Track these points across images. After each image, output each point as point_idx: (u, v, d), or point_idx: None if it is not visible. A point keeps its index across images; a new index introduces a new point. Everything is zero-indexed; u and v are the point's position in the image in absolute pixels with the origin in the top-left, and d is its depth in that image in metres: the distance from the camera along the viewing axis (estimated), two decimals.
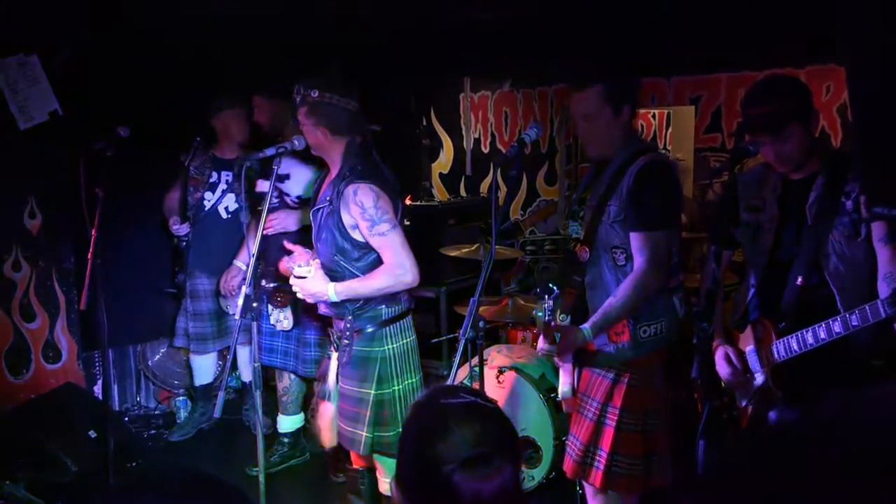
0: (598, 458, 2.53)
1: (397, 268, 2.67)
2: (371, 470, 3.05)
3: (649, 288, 2.38)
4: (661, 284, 2.42)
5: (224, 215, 4.20)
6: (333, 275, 2.77)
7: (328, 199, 2.74)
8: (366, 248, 2.72)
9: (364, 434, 2.78)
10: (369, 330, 2.78)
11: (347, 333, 2.79)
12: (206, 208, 4.18)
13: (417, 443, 1.33)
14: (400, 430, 1.88)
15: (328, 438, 2.97)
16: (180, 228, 4.12)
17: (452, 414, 1.32)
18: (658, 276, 2.38)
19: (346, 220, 2.68)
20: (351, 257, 2.73)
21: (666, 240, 2.39)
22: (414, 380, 2.89)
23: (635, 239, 2.39)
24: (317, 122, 2.73)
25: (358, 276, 2.72)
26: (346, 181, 2.69)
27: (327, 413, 2.94)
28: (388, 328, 2.80)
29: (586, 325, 2.42)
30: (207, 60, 4.29)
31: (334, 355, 2.90)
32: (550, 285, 2.41)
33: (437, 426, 1.31)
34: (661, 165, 2.42)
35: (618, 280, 2.45)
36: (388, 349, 2.80)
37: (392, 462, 1.81)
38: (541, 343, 2.46)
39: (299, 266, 2.75)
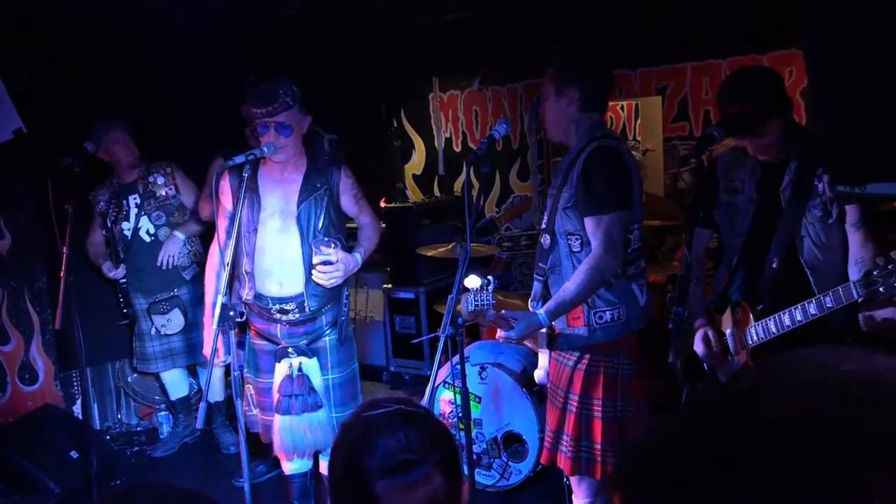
0: (563, 444, 2.56)
1: (377, 220, 3.19)
2: None
3: (605, 272, 2.38)
4: (618, 268, 2.42)
5: (147, 239, 4.10)
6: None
7: (318, 186, 2.90)
8: (345, 217, 3.05)
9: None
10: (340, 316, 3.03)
11: (328, 326, 2.98)
12: (129, 238, 4.10)
13: (345, 462, 1.26)
14: None
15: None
16: (116, 273, 4.06)
17: (374, 426, 1.26)
18: (613, 259, 2.38)
19: (342, 192, 2.97)
20: (341, 229, 3.00)
21: (618, 222, 2.39)
22: None
23: (588, 224, 2.41)
24: (305, 112, 2.89)
25: (343, 242, 2.99)
26: (334, 164, 2.99)
27: (301, 426, 2.91)
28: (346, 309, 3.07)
29: (541, 310, 2.43)
30: (171, 71, 4.25)
31: (309, 363, 2.90)
32: (475, 276, 2.39)
33: (360, 441, 1.25)
34: (608, 150, 2.43)
35: (573, 266, 2.46)
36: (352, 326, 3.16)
37: None
38: (499, 331, 2.47)
39: (326, 255, 2.81)
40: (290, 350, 2.91)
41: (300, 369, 2.91)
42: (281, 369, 2.92)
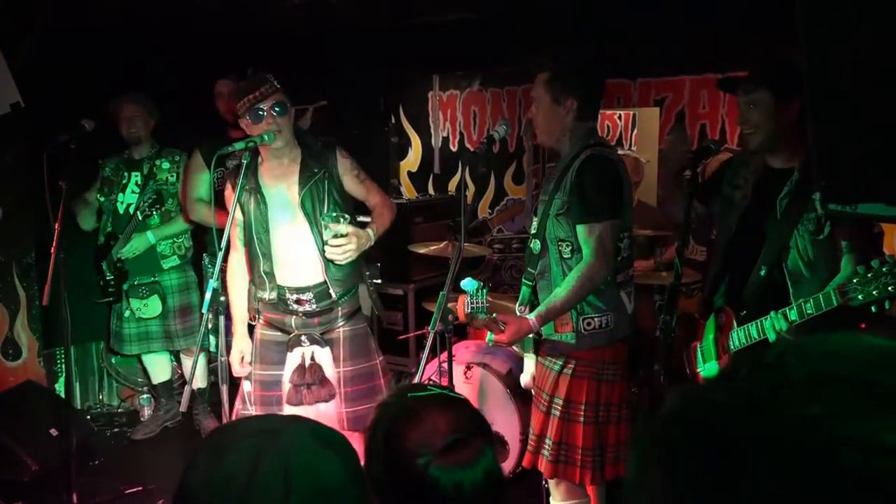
0: (545, 447, 2.57)
1: (388, 199, 3.11)
2: None
3: (595, 279, 2.40)
4: (607, 275, 2.44)
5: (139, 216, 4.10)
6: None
7: (316, 171, 2.85)
8: (351, 199, 2.98)
9: None
10: (357, 309, 3.02)
11: (343, 318, 2.93)
12: (120, 212, 4.10)
13: (386, 439, 1.23)
14: None
15: None
16: (89, 223, 4.19)
17: (421, 404, 1.25)
18: (604, 266, 2.40)
19: (342, 174, 2.91)
20: (347, 210, 2.93)
21: (610, 230, 2.41)
22: None
23: (581, 231, 2.43)
24: (290, 104, 2.85)
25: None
26: (328, 148, 2.92)
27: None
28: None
29: (532, 315, 2.45)
30: (172, 53, 4.24)
31: (322, 352, 2.88)
32: (471, 280, 2.39)
33: (405, 418, 1.22)
34: (602, 158, 2.46)
35: (564, 272, 2.48)
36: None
37: None
38: (489, 335, 2.49)
39: (336, 229, 2.78)
40: (302, 338, 2.89)
41: (312, 358, 2.89)
42: (293, 359, 2.89)
